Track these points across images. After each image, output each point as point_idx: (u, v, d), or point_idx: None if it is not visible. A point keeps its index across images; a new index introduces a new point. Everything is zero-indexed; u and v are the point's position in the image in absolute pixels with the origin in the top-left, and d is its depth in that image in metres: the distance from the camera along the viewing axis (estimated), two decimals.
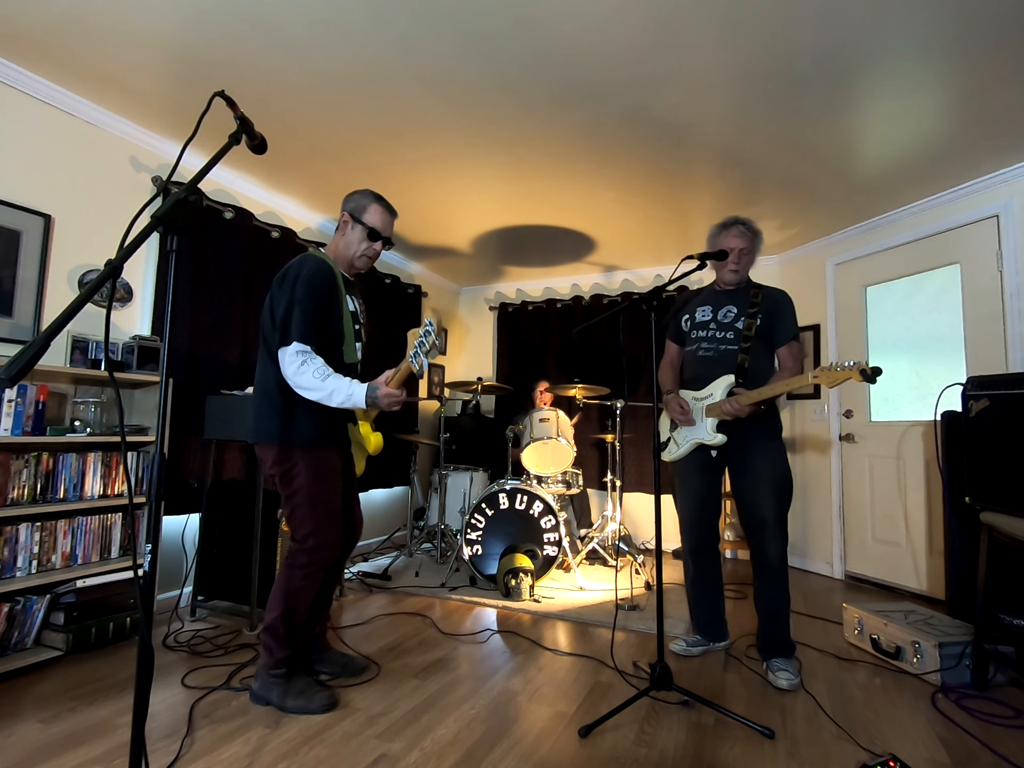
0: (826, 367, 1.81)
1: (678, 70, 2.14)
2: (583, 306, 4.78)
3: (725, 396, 2.10)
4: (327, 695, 1.80)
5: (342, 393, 1.68)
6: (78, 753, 1.52)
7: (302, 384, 1.69)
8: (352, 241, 1.89)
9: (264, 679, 1.80)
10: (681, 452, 2.26)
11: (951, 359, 3.11)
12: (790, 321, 2.17)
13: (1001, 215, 2.88)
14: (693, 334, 2.27)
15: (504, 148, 2.76)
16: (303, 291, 1.72)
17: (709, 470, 2.23)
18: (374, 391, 1.71)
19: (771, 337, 2.18)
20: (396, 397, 1.74)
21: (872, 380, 1.66)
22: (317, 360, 1.70)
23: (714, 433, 2.14)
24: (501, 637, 2.46)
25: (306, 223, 3.67)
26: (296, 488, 1.78)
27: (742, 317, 2.17)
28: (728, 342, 2.17)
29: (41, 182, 2.33)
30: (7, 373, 0.80)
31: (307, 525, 1.78)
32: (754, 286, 2.23)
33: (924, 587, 3.15)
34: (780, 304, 2.18)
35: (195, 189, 1.10)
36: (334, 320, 1.82)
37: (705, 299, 2.31)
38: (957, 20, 1.85)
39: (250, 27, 1.96)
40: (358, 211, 1.88)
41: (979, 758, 1.60)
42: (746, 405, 2.01)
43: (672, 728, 1.72)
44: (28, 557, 2.07)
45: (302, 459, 1.78)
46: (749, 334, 2.13)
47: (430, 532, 4.06)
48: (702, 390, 2.20)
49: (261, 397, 1.81)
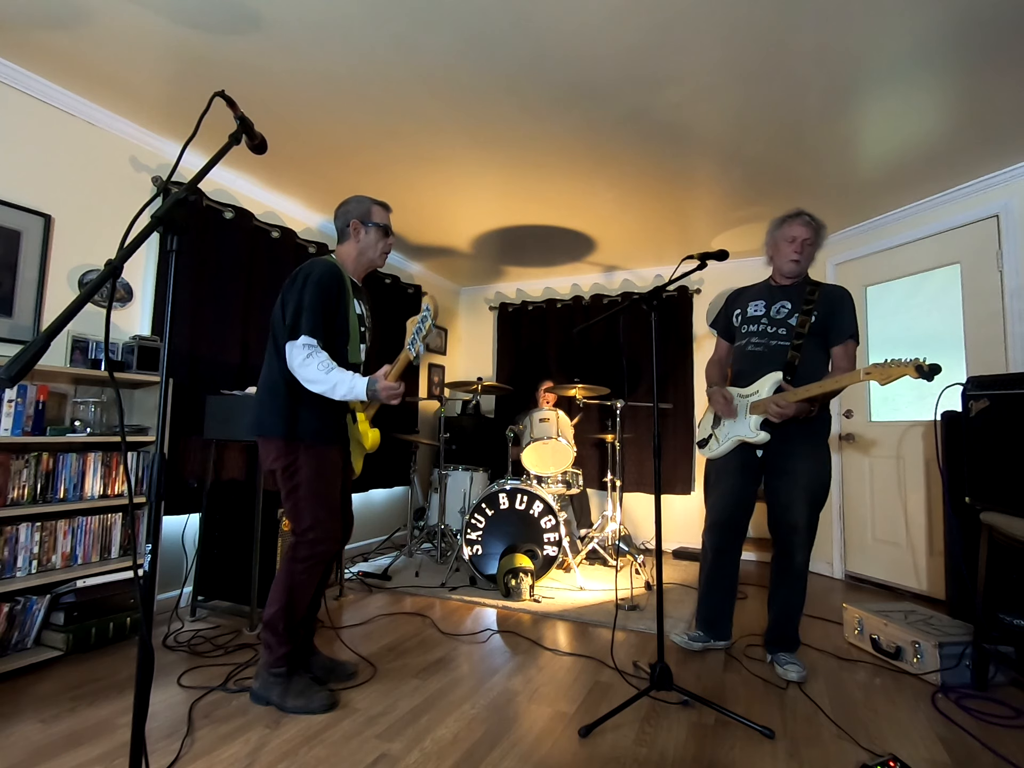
0: (880, 363, 1.72)
1: (678, 70, 2.14)
2: (583, 306, 4.78)
3: (772, 393, 2.03)
4: (327, 695, 1.80)
5: (345, 385, 1.73)
6: (78, 753, 1.52)
7: (307, 376, 1.73)
8: (370, 243, 1.98)
9: (264, 678, 1.81)
10: (722, 450, 2.19)
11: (951, 359, 3.11)
12: (848, 319, 2.07)
13: (1001, 215, 2.88)
14: (744, 328, 2.21)
15: (504, 148, 2.76)
16: (312, 289, 1.78)
17: (748, 470, 2.17)
18: (374, 384, 1.75)
19: (826, 335, 2.09)
20: (394, 390, 1.77)
21: (929, 378, 1.56)
22: (322, 354, 1.75)
23: (757, 430, 2.06)
24: (501, 637, 2.46)
25: (306, 223, 3.67)
26: (298, 483, 1.80)
27: (796, 313, 2.09)
28: (779, 338, 2.10)
29: (41, 182, 2.33)
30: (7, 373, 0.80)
31: (308, 519, 1.80)
32: (811, 282, 2.15)
33: (924, 587, 3.15)
34: (839, 301, 2.09)
35: (195, 189, 1.10)
36: (340, 319, 1.87)
37: (758, 293, 2.24)
38: (957, 20, 1.85)
39: (250, 27, 1.96)
40: (365, 216, 1.97)
41: (979, 758, 1.60)
42: (792, 403, 1.94)
43: (672, 728, 1.72)
44: (28, 557, 2.07)
45: (304, 455, 1.81)
46: (802, 331, 2.06)
47: (430, 532, 4.06)
48: (749, 386, 2.13)
49: (266, 392, 1.85)
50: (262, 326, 3.20)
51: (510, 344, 5.10)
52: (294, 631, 1.83)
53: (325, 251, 3.65)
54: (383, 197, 3.38)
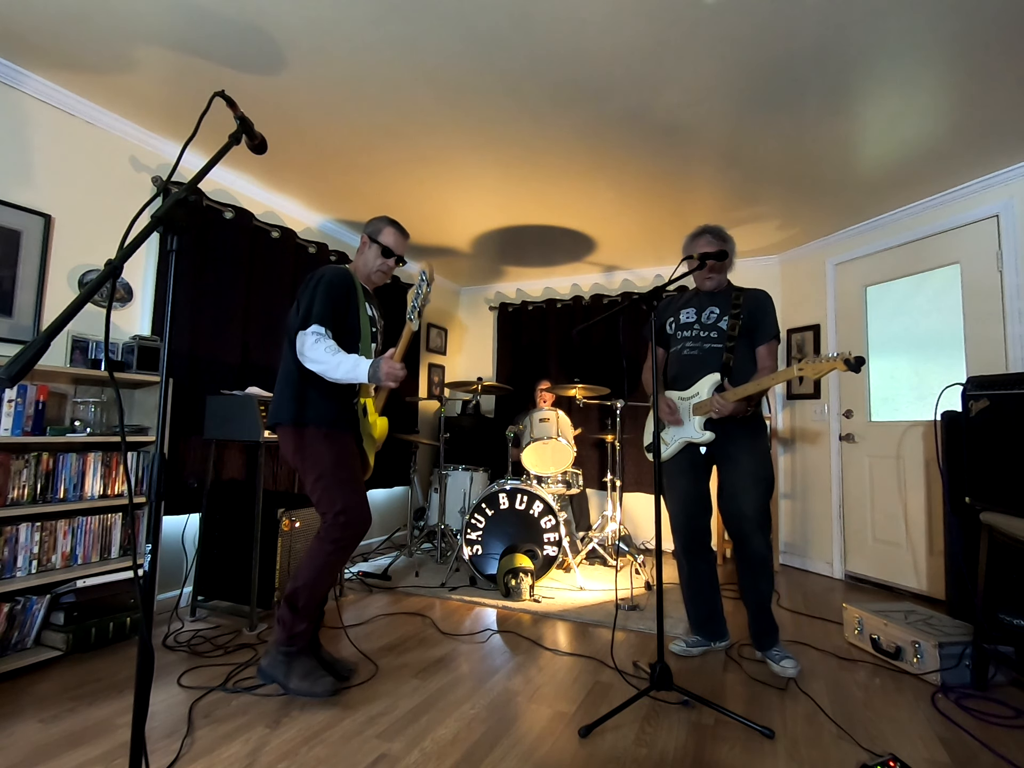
0: (810, 359, 1.82)
1: (678, 70, 2.14)
2: (583, 306, 4.78)
3: (711, 394, 2.12)
4: (331, 681, 1.84)
5: (347, 364, 1.80)
6: (78, 753, 1.52)
7: (313, 357, 1.82)
8: (369, 258, 2.09)
9: (274, 655, 1.85)
10: (670, 452, 2.27)
11: (951, 359, 3.11)
12: (771, 320, 2.22)
13: (1001, 215, 2.88)
14: (678, 335, 2.31)
15: (504, 148, 2.76)
16: (323, 287, 1.91)
17: (697, 469, 2.25)
18: (376, 364, 1.80)
19: (752, 336, 2.22)
20: (395, 369, 1.80)
21: (856, 369, 1.68)
22: (330, 340, 1.85)
23: (702, 431, 2.16)
24: (501, 637, 2.46)
25: (306, 223, 3.67)
26: (321, 470, 1.87)
27: (725, 317, 2.22)
28: (712, 341, 2.21)
29: (41, 182, 2.33)
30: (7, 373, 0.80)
31: (339, 502, 1.86)
32: (735, 289, 2.29)
33: (924, 587, 3.15)
34: (762, 304, 2.24)
35: (195, 189, 1.10)
36: (351, 319, 1.97)
37: (688, 302, 2.35)
38: (957, 20, 1.85)
39: (250, 27, 1.96)
40: (375, 233, 2.09)
41: (979, 758, 1.60)
42: (732, 401, 2.04)
43: (672, 728, 1.72)
44: (28, 557, 2.07)
45: (322, 442, 1.89)
46: (733, 333, 2.18)
47: (430, 532, 4.06)
48: (688, 389, 2.23)
49: (282, 384, 1.95)
50: (262, 326, 3.20)
51: (510, 344, 5.09)
52: (312, 610, 1.87)
53: (325, 251, 3.66)
54: (383, 197, 3.38)
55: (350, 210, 3.63)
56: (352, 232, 4.03)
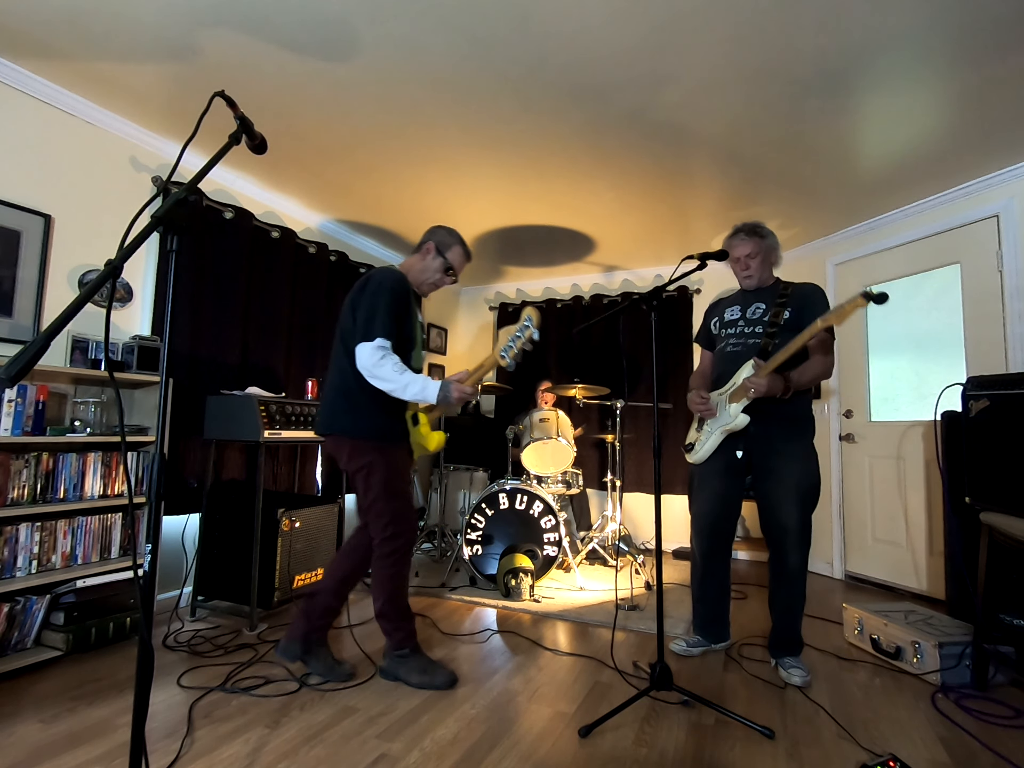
0: (833, 308, 1.77)
1: (678, 70, 2.14)
2: (583, 306, 4.78)
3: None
4: (448, 672, 1.97)
5: (417, 385, 1.82)
6: (78, 753, 1.52)
7: (381, 375, 1.82)
8: (430, 268, 2.09)
9: (391, 659, 1.99)
10: (707, 447, 2.19)
11: (951, 359, 3.11)
12: (821, 310, 2.04)
13: (1001, 215, 2.88)
14: (722, 333, 2.25)
15: (504, 148, 2.76)
16: (388, 296, 1.88)
17: (731, 473, 2.18)
18: (447, 387, 1.83)
19: (800, 329, 2.07)
20: (467, 394, 1.84)
21: (880, 301, 1.60)
22: (395, 356, 1.86)
23: (736, 415, 2.07)
24: (501, 637, 2.46)
25: (306, 223, 3.67)
26: (375, 482, 1.91)
27: (770, 311, 2.14)
28: (756, 336, 2.13)
29: (41, 182, 2.33)
30: (7, 373, 0.80)
31: (387, 514, 1.92)
32: (783, 283, 2.19)
33: (924, 587, 3.15)
34: (810, 295, 2.13)
35: (195, 189, 1.10)
36: (408, 327, 1.98)
37: (734, 300, 2.29)
38: (958, 20, 1.85)
39: (250, 27, 1.96)
40: (443, 247, 2.10)
41: (979, 758, 1.60)
42: (765, 377, 1.95)
43: (672, 728, 1.72)
44: (28, 557, 2.07)
45: (379, 455, 1.92)
46: (776, 321, 2.09)
47: (430, 532, 4.06)
48: (726, 384, 2.16)
49: (338, 394, 1.95)
50: (262, 326, 3.20)
51: None
52: (405, 615, 1.99)
53: (325, 251, 3.65)
54: (383, 197, 3.38)
55: (350, 210, 3.63)
56: (352, 232, 4.03)
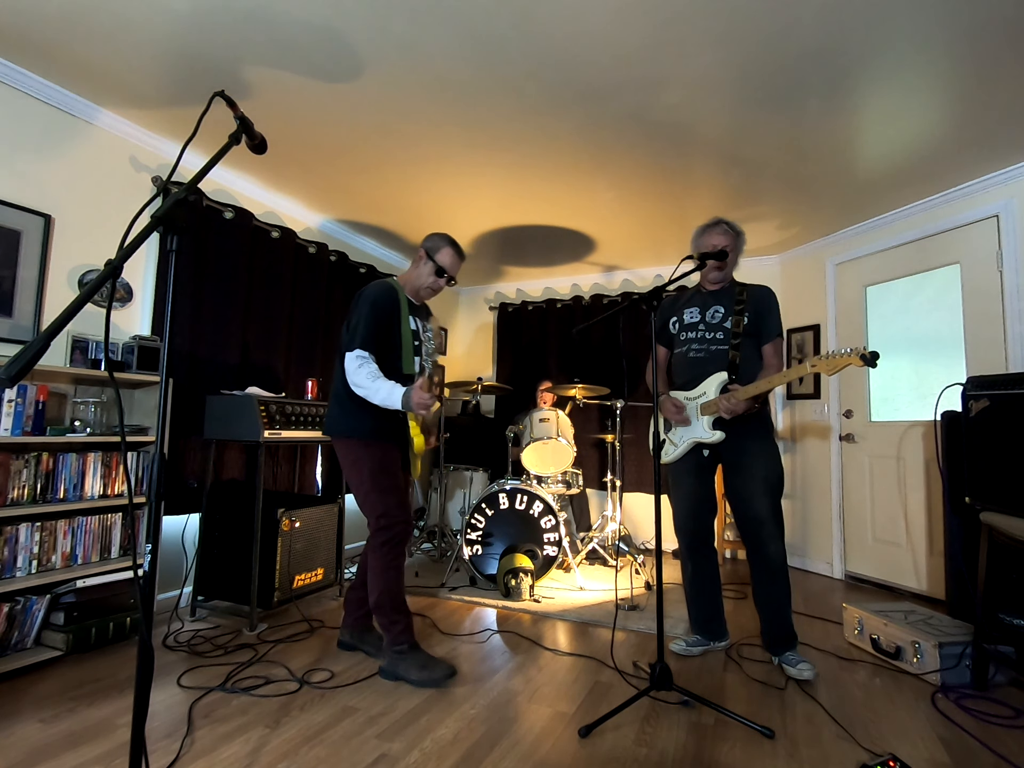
0: (824, 355, 1.81)
1: (678, 71, 2.14)
2: (583, 306, 4.78)
3: (719, 393, 2.11)
4: (446, 666, 1.99)
5: (383, 392, 1.93)
6: (78, 753, 1.52)
7: (356, 382, 1.97)
8: (422, 274, 2.17)
9: (391, 657, 2.01)
10: (678, 453, 2.26)
11: (951, 359, 3.11)
12: (775, 318, 2.20)
13: (1001, 215, 2.88)
14: (682, 335, 2.29)
15: (504, 148, 2.76)
16: (367, 309, 2.02)
17: (703, 470, 2.25)
18: (407, 393, 1.91)
19: (759, 335, 2.20)
20: (424, 399, 1.89)
21: (872, 364, 1.64)
22: (372, 365, 1.98)
23: (711, 431, 2.14)
24: (501, 637, 2.46)
25: (306, 223, 3.67)
26: (363, 476, 2.02)
27: (730, 316, 2.19)
28: (718, 342, 2.19)
29: (41, 182, 2.33)
30: (7, 373, 0.80)
31: (379, 507, 2.01)
32: (739, 285, 2.26)
33: (924, 587, 3.15)
34: (766, 301, 2.20)
35: (195, 189, 1.10)
36: (394, 335, 2.08)
37: (691, 301, 2.32)
38: (958, 20, 1.85)
39: (250, 27, 1.96)
40: (433, 250, 2.16)
41: (979, 758, 1.60)
42: (742, 400, 2.02)
43: (672, 728, 1.72)
44: (28, 557, 2.07)
45: (364, 450, 2.03)
46: (738, 331, 2.16)
47: (430, 532, 4.06)
48: (695, 389, 2.21)
49: (334, 398, 2.10)
50: (262, 326, 3.20)
51: (510, 344, 5.09)
52: (401, 608, 2.02)
53: (325, 251, 3.66)
54: (383, 197, 3.38)
55: (350, 210, 3.63)
56: (352, 232, 4.03)
